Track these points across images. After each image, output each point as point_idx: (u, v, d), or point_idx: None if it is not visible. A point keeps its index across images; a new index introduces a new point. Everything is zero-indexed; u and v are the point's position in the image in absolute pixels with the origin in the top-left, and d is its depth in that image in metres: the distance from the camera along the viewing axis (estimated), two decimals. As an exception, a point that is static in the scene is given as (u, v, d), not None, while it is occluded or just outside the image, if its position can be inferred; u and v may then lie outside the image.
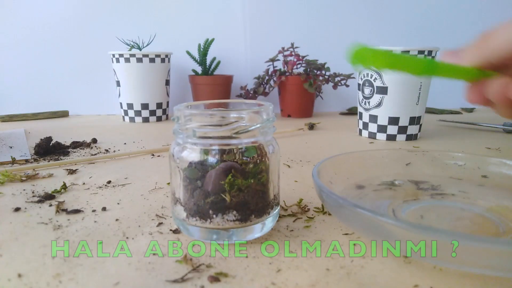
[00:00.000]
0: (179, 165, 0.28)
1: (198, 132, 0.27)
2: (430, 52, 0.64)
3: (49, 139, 0.59)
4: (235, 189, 0.27)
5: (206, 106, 0.33)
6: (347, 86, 0.93)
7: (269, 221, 0.29)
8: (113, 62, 0.90)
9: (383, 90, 0.66)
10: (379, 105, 0.67)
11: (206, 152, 0.28)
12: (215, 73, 1.02)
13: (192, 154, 0.28)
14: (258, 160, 0.28)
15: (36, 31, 1.02)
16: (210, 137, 0.27)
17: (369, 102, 0.68)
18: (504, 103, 0.28)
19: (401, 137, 0.68)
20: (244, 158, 0.28)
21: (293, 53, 0.95)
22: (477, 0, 1.06)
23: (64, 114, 1.02)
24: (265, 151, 0.29)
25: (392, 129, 0.68)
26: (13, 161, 0.52)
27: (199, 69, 1.01)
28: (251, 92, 0.97)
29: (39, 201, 0.37)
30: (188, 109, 0.29)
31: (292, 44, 0.95)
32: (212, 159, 0.27)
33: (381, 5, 1.05)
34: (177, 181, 0.29)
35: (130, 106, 0.91)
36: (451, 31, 1.07)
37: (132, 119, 0.92)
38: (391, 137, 0.68)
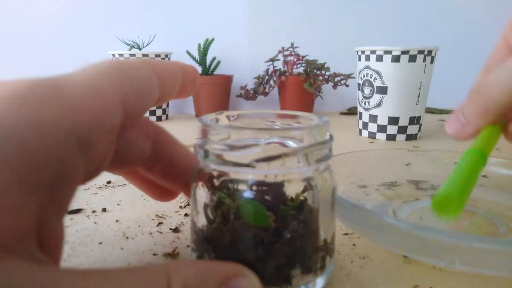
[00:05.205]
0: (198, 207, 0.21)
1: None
2: (430, 52, 0.64)
3: (49, 139, 0.59)
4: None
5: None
6: (347, 86, 0.93)
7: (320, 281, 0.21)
8: (113, 62, 0.90)
9: (383, 90, 0.66)
10: (379, 105, 0.67)
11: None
12: (215, 73, 1.02)
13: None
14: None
15: (36, 31, 1.02)
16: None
17: (369, 102, 0.68)
18: None
19: (401, 137, 0.68)
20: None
21: (293, 53, 0.95)
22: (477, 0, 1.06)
23: (64, 114, 1.02)
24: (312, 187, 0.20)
25: (392, 129, 0.68)
26: (13, 161, 0.52)
27: (199, 69, 1.01)
28: (251, 92, 0.97)
29: (39, 201, 0.37)
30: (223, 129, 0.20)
31: (292, 44, 0.95)
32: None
33: (381, 4, 1.05)
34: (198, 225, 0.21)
35: (130, 106, 0.91)
36: (451, 31, 1.07)
37: (132, 119, 0.92)
38: (391, 137, 0.68)
